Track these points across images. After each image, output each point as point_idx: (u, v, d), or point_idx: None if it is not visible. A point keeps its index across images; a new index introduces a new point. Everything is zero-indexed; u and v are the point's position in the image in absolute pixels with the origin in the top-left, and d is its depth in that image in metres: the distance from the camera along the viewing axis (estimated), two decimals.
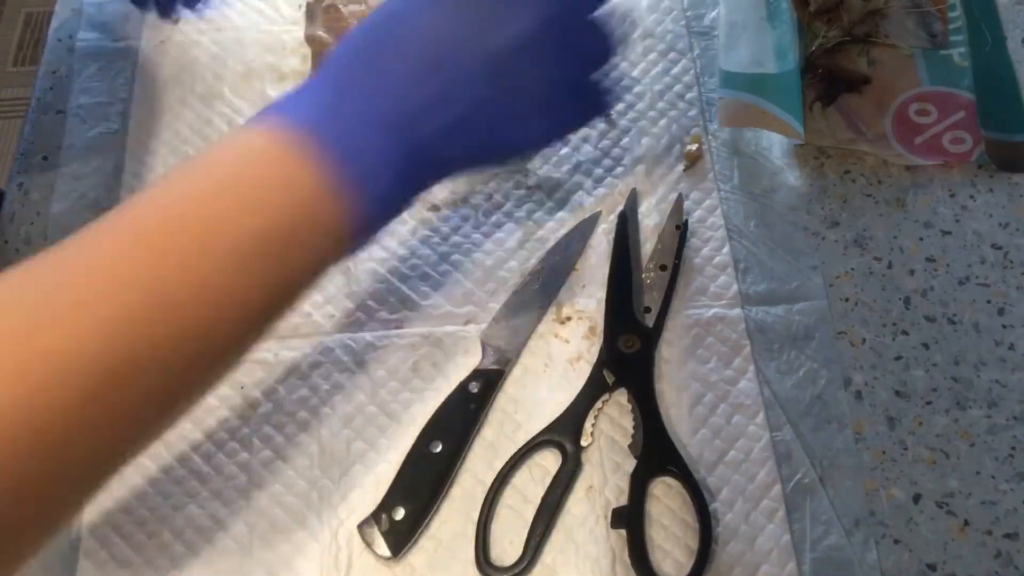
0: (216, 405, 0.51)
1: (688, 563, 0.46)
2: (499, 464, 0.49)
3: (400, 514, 0.47)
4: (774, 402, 0.51)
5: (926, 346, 0.52)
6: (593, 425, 0.50)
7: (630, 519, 0.47)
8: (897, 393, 0.51)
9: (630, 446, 0.49)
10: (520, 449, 0.49)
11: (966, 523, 0.48)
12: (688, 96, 0.62)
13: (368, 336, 0.53)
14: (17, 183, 0.59)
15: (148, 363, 0.31)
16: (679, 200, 0.57)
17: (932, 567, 0.46)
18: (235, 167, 0.34)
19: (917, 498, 0.48)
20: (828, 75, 0.59)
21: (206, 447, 0.50)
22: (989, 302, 0.54)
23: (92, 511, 0.48)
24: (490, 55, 0.37)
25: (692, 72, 0.62)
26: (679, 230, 0.55)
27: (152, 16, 0.65)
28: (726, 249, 0.56)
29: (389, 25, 0.37)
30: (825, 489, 0.48)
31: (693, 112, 0.61)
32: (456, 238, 0.56)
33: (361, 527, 0.47)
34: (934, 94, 0.59)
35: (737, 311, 0.53)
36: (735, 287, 0.54)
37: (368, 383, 0.52)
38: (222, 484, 0.49)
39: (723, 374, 0.52)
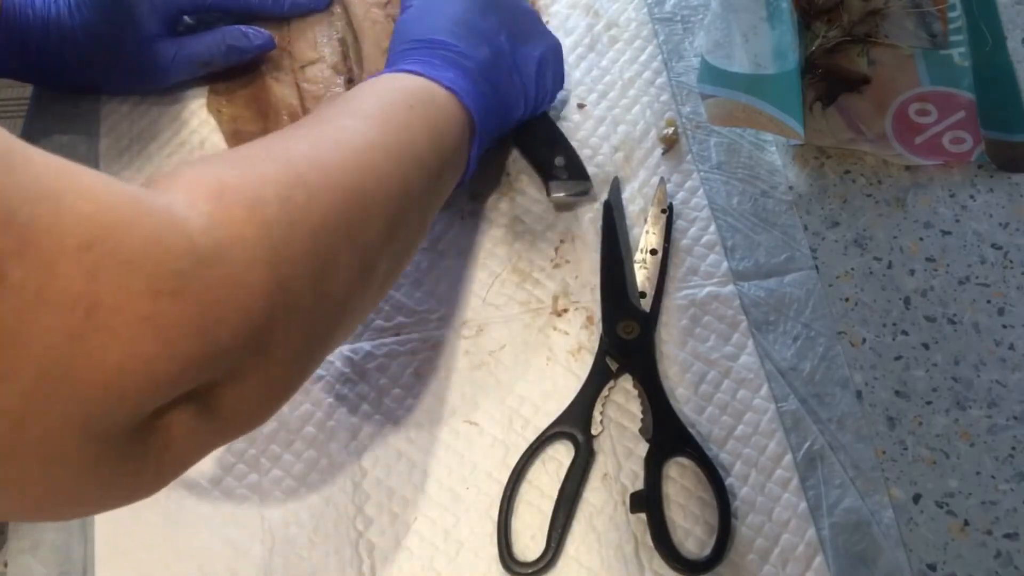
0: None
1: (710, 540, 0.47)
2: (512, 461, 0.49)
3: None
4: (776, 373, 0.51)
5: (926, 346, 0.53)
6: (601, 413, 0.50)
7: (648, 502, 0.47)
8: (897, 393, 0.51)
9: (640, 430, 0.50)
10: (532, 444, 0.49)
11: (966, 523, 0.48)
12: (658, 82, 0.62)
13: (367, 346, 0.53)
14: None
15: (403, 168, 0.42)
16: (661, 184, 0.57)
17: (932, 567, 0.47)
18: (398, 84, 0.47)
19: (917, 498, 0.48)
20: (828, 75, 0.59)
21: (214, 472, 0.49)
22: (989, 302, 0.54)
23: (104, 546, 0.47)
24: (509, 34, 0.53)
25: (659, 58, 0.63)
26: (665, 213, 0.56)
27: None
28: (712, 228, 0.56)
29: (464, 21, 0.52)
30: (835, 453, 0.49)
31: (665, 97, 0.61)
32: (445, 241, 0.56)
33: None
34: (934, 94, 0.59)
35: (730, 288, 0.54)
36: (725, 265, 0.55)
37: (372, 393, 0.51)
38: (234, 508, 0.48)
39: (723, 351, 0.52)
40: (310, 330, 0.34)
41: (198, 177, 0.32)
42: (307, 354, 0.36)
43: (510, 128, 0.56)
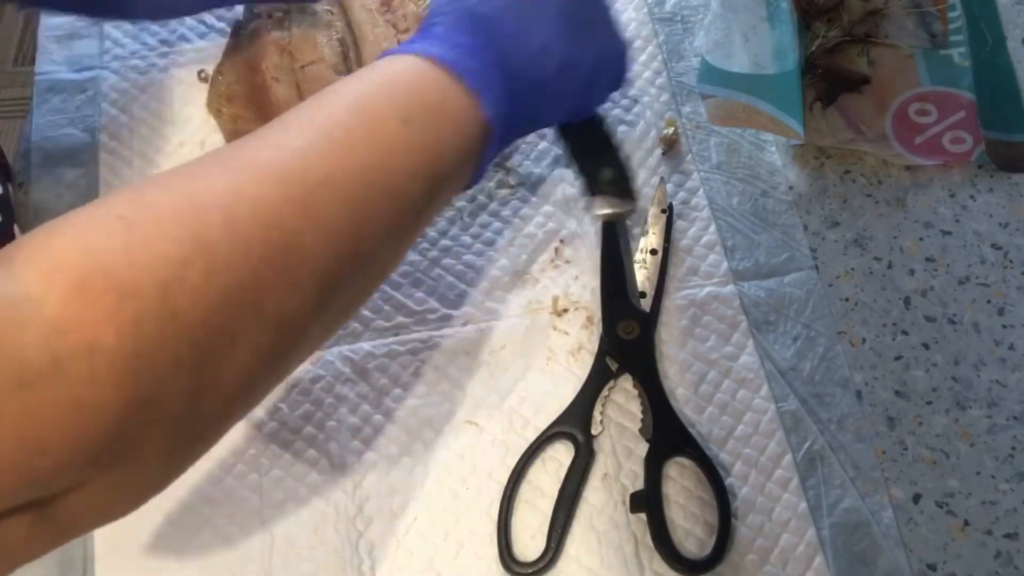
0: None
1: (710, 540, 0.47)
2: (512, 461, 0.49)
3: None
4: (776, 373, 0.51)
5: (926, 346, 0.53)
6: (601, 413, 0.50)
7: (648, 502, 0.47)
8: (897, 393, 0.51)
9: (640, 430, 0.50)
10: (532, 444, 0.49)
11: (966, 523, 0.48)
12: (658, 82, 0.62)
13: (367, 346, 0.53)
14: (17, 183, 0.58)
15: (354, 183, 0.34)
16: (661, 184, 0.57)
17: (932, 567, 0.47)
18: (389, 70, 0.39)
19: (917, 498, 0.48)
20: (828, 75, 0.59)
21: (214, 472, 0.49)
22: (989, 302, 0.54)
23: (104, 546, 0.47)
24: (569, 23, 0.43)
25: (659, 58, 0.63)
26: (665, 213, 0.56)
27: (110, 44, 0.64)
28: (712, 228, 0.56)
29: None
30: (835, 453, 0.49)
31: (665, 97, 0.61)
32: (445, 241, 0.56)
33: None
34: (934, 94, 0.59)
35: (730, 288, 0.54)
36: (725, 265, 0.55)
37: (372, 393, 0.51)
38: (234, 508, 0.48)
39: (723, 351, 0.52)
40: (182, 433, 0.30)
41: (64, 255, 0.27)
42: (181, 453, 0.31)
43: (536, 130, 0.48)
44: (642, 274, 0.54)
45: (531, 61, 0.42)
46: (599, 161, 0.51)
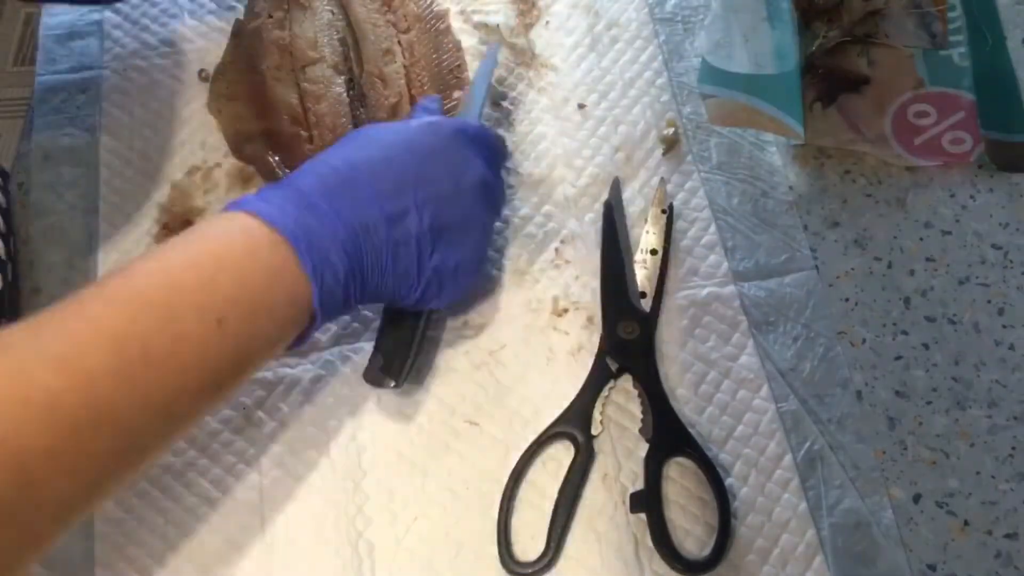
0: (220, 428, 0.50)
1: (710, 540, 0.47)
2: (512, 461, 0.49)
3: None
4: (776, 373, 0.51)
5: (926, 346, 0.53)
6: (601, 413, 0.50)
7: (648, 503, 0.47)
8: (897, 393, 0.51)
9: (640, 431, 0.50)
10: (532, 444, 0.49)
11: (966, 523, 0.48)
12: (658, 82, 0.62)
13: (367, 346, 0.52)
14: (17, 183, 0.58)
15: (126, 410, 0.35)
16: (662, 184, 0.57)
17: (932, 567, 0.47)
18: (215, 244, 0.40)
19: (917, 498, 0.48)
20: (828, 75, 0.59)
21: (214, 472, 0.49)
22: (989, 302, 0.54)
23: (104, 546, 0.47)
24: (432, 201, 0.46)
25: (660, 58, 0.63)
26: (665, 214, 0.56)
27: (110, 43, 0.64)
28: (712, 229, 0.56)
29: (351, 169, 0.45)
30: (835, 453, 0.49)
31: (665, 97, 0.61)
32: None
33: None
34: (934, 94, 0.59)
35: (730, 288, 0.54)
36: (725, 265, 0.55)
37: (372, 393, 0.51)
38: (235, 508, 0.48)
39: (723, 351, 0.52)
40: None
41: None
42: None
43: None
44: (642, 274, 0.54)
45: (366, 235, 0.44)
46: (396, 336, 0.50)
